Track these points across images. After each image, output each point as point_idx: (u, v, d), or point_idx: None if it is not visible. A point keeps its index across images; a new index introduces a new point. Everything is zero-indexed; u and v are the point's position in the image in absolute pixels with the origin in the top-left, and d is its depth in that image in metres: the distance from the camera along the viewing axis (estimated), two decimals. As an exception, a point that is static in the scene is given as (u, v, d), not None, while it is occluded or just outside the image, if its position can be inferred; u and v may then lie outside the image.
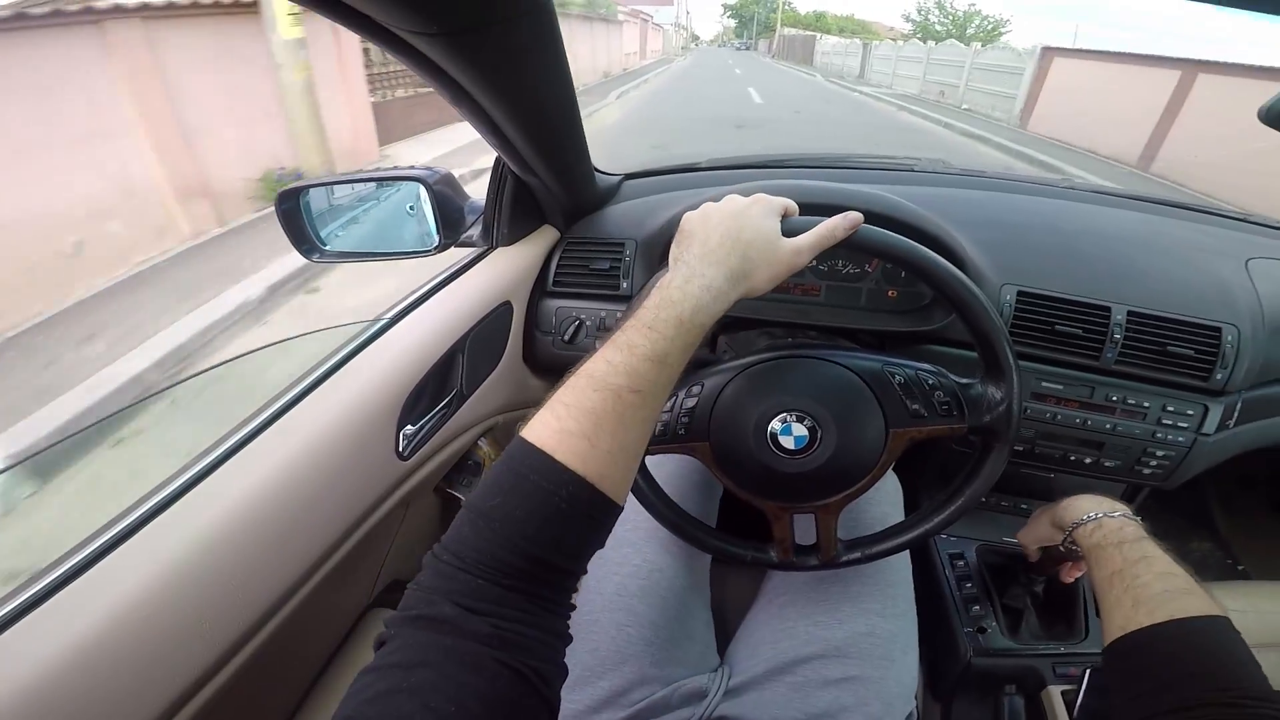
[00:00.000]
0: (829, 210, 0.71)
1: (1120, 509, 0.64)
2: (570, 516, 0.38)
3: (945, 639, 0.94)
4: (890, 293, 0.94)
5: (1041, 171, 7.34)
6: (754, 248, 0.52)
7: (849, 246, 0.57)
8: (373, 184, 0.90)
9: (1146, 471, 0.89)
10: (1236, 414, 0.87)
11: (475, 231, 0.91)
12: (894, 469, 0.95)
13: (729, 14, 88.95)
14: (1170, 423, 0.86)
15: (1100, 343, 0.85)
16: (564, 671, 0.38)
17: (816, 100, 15.34)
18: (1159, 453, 0.87)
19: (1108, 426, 0.87)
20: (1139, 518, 0.62)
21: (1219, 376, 0.83)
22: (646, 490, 0.69)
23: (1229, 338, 0.83)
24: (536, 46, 0.57)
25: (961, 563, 1.01)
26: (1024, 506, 1.09)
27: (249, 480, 0.59)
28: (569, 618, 0.40)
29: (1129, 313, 0.84)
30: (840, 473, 0.63)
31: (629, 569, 0.75)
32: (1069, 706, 0.81)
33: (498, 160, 0.85)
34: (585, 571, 0.42)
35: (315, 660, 0.76)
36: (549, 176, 0.85)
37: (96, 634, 0.46)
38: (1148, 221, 1.02)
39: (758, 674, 0.69)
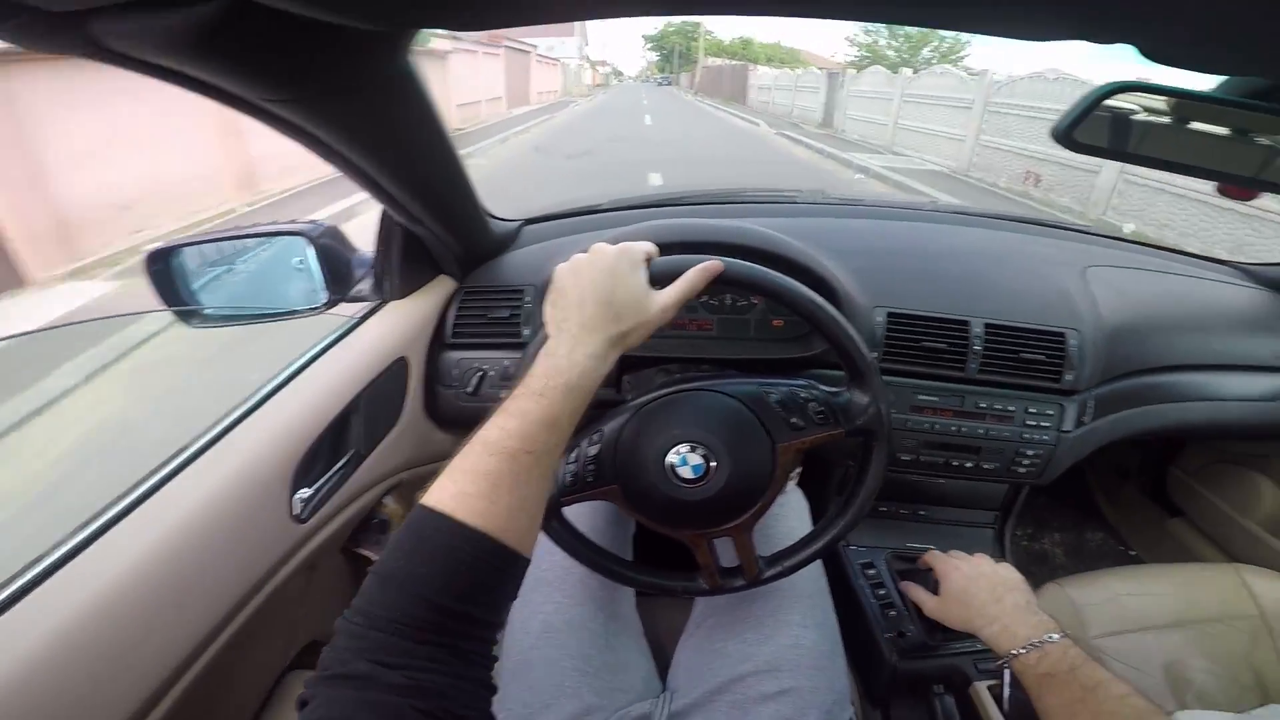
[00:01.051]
0: (705, 248, 0.76)
1: (1047, 626, 0.66)
2: (475, 569, 0.40)
3: (870, 646, 0.97)
4: (775, 322, 0.99)
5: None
6: (627, 309, 0.55)
7: (720, 282, 0.61)
8: (251, 240, 0.86)
9: (1022, 470, 0.97)
10: (1090, 411, 0.96)
11: (365, 285, 0.90)
12: (799, 485, 0.99)
13: (650, 46, 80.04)
14: (1034, 424, 0.94)
15: (964, 354, 0.92)
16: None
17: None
18: (1029, 452, 0.95)
19: (981, 432, 0.94)
20: (1062, 632, 0.66)
21: (1068, 377, 0.92)
22: (570, 539, 0.71)
23: (1073, 341, 0.92)
24: (400, 104, 0.58)
25: (872, 571, 1.06)
26: (922, 513, 1.16)
27: (135, 550, 0.58)
28: (490, 668, 0.41)
29: (985, 325, 0.92)
30: (741, 493, 0.66)
31: (551, 606, 0.76)
32: (996, 699, 0.84)
33: (383, 213, 0.84)
34: (502, 624, 0.43)
35: None
36: (437, 226, 0.85)
37: None
38: (1000, 238, 1.12)
39: (697, 697, 0.71)
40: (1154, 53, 0.41)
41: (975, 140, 9.27)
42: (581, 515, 0.85)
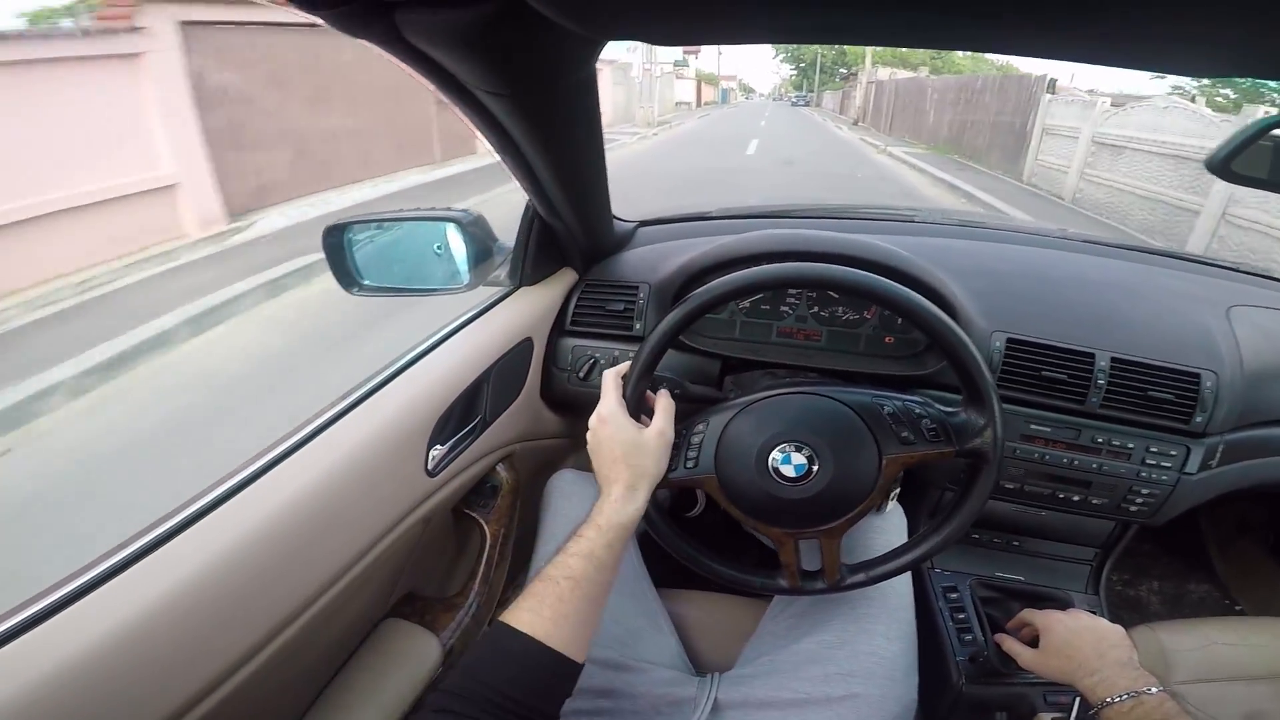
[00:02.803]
0: (826, 258, 0.79)
1: (1147, 680, 0.66)
2: (521, 663, 0.54)
3: (939, 666, 0.96)
4: (887, 339, 0.99)
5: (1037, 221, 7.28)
6: (631, 457, 0.67)
7: (840, 292, 0.64)
8: (409, 222, 0.97)
9: (1133, 509, 0.93)
10: (1219, 455, 0.92)
11: (503, 271, 0.98)
12: (899, 501, 0.99)
13: (782, 57, 64.31)
14: (1154, 463, 0.90)
15: (1085, 387, 0.89)
16: None
17: None
18: (1144, 491, 0.92)
19: (1094, 466, 0.92)
20: (1162, 686, 0.65)
21: (1199, 420, 0.88)
22: (662, 526, 0.74)
23: (1208, 383, 0.88)
24: (578, 107, 0.66)
25: (955, 595, 1.04)
26: (1015, 543, 1.12)
27: (290, 488, 0.64)
28: None
29: (1112, 359, 0.89)
30: (839, 498, 0.68)
31: None
32: None
33: (528, 205, 0.92)
34: (554, 715, 0.55)
35: (332, 664, 0.80)
36: (574, 221, 0.92)
37: (126, 630, 0.49)
38: (1134, 270, 1.08)
39: (755, 687, 0.74)
40: None
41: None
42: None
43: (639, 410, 0.71)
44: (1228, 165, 0.61)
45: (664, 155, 12.07)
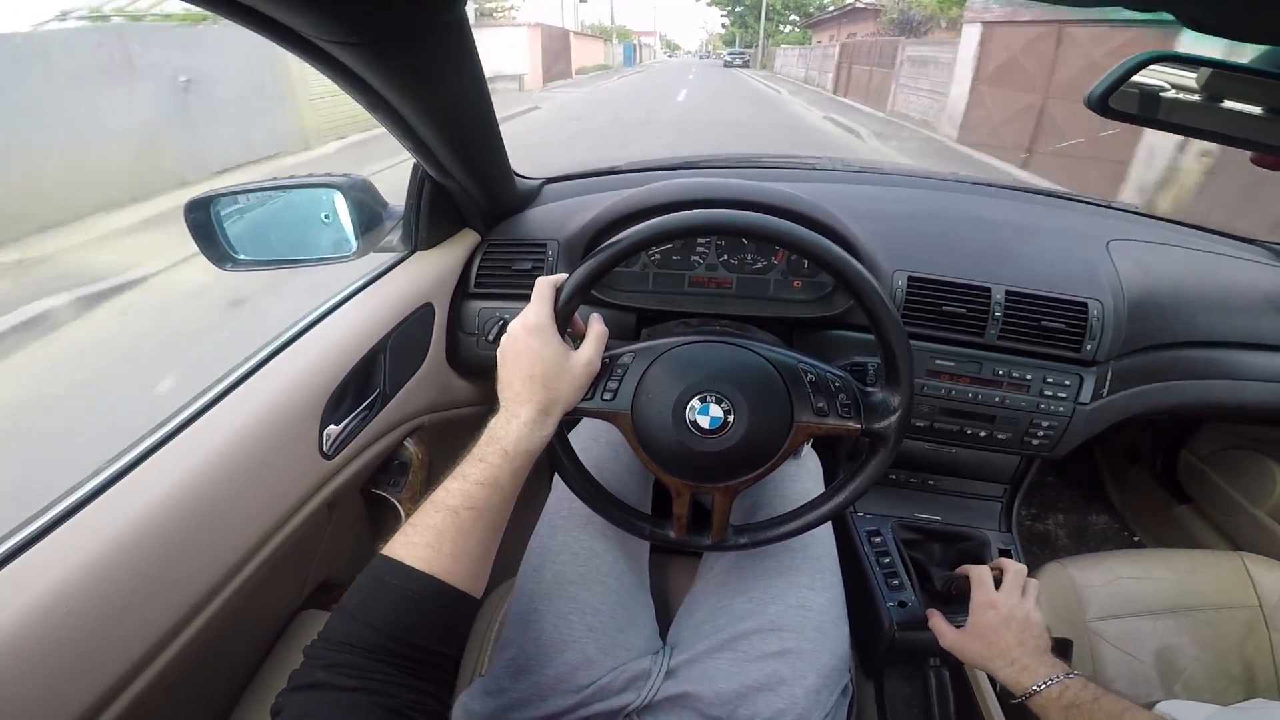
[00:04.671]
0: (722, 205, 0.76)
1: (1063, 667, 0.68)
2: (422, 605, 0.49)
3: (870, 614, 0.99)
4: (795, 283, 1.00)
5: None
6: (550, 377, 0.61)
7: (767, 241, 0.62)
8: (285, 191, 0.89)
9: (1035, 442, 0.98)
10: (1108, 383, 0.97)
11: (395, 237, 0.93)
12: (815, 448, 1.00)
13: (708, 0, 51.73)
14: (1051, 393, 0.95)
15: (984, 320, 0.93)
16: None
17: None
18: (1044, 423, 0.96)
19: (996, 400, 0.95)
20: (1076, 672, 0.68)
21: (1089, 348, 0.92)
22: (562, 456, 0.71)
23: (1094, 311, 0.92)
24: (452, 55, 0.60)
25: (879, 539, 1.07)
26: (930, 482, 1.17)
27: (170, 478, 0.59)
28: (446, 683, 0.49)
29: (1007, 292, 0.92)
30: (746, 456, 0.66)
31: (566, 556, 0.77)
32: (991, 677, 0.86)
33: (416, 166, 0.86)
34: (453, 653, 0.52)
35: (249, 659, 0.77)
36: (467, 180, 0.87)
37: (13, 631, 0.45)
38: (1022, 209, 1.12)
39: (697, 651, 0.72)
40: (1193, 20, 0.41)
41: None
42: (604, 459, 0.85)
43: (565, 328, 0.66)
44: (1105, 102, 0.61)
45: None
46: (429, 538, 0.51)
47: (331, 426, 0.78)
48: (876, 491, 1.13)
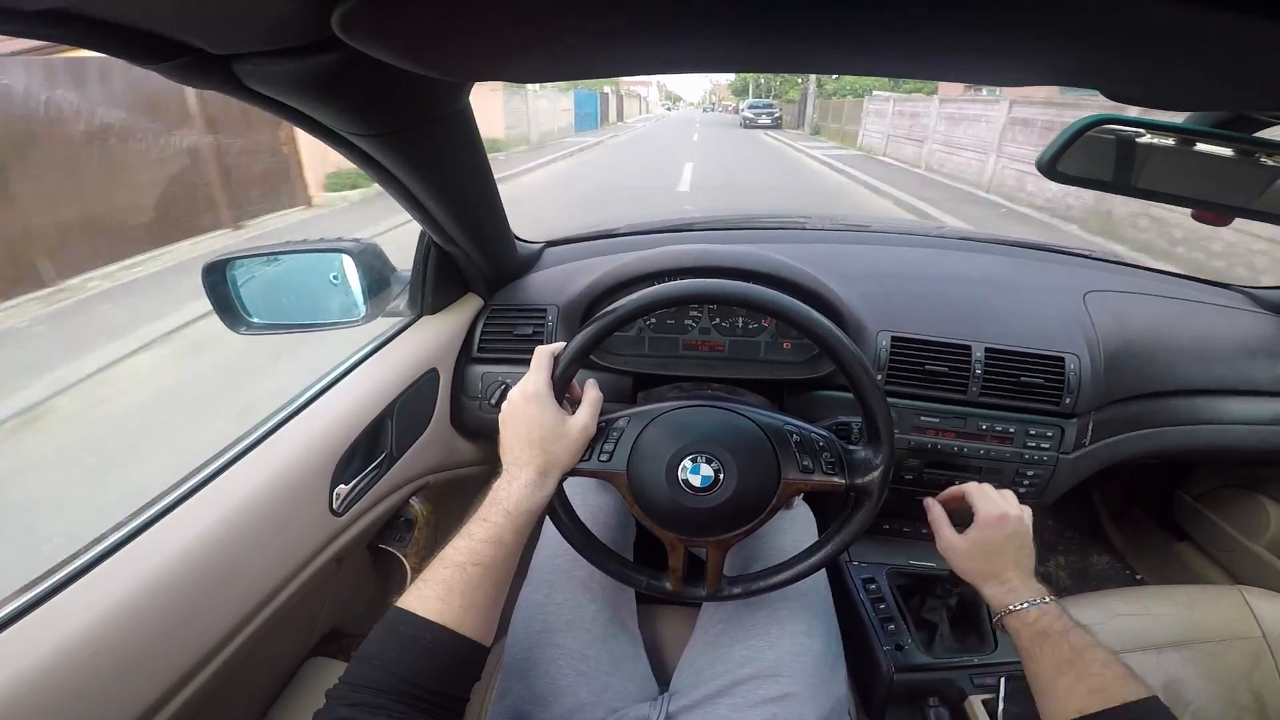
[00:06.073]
0: (714, 272, 0.80)
1: (1044, 590, 0.70)
2: (436, 652, 0.53)
3: (868, 658, 0.99)
4: (785, 345, 1.04)
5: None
6: (548, 442, 0.66)
7: (756, 310, 0.67)
8: (297, 254, 0.93)
9: (1022, 490, 1.00)
10: (1090, 432, 1.00)
11: (402, 301, 0.96)
12: (806, 500, 1.03)
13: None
14: (1034, 444, 0.98)
15: (965, 378, 0.96)
16: None
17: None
18: (1029, 472, 0.99)
19: (981, 452, 0.98)
20: (1054, 596, 0.70)
21: (1067, 400, 0.96)
22: (562, 515, 0.74)
23: (1071, 366, 0.96)
24: (456, 138, 0.66)
25: (874, 586, 1.07)
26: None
27: (187, 535, 0.63)
28: None
29: (986, 349, 0.96)
30: (736, 512, 0.70)
31: (551, 608, 0.80)
32: (990, 713, 0.86)
33: (423, 234, 0.91)
34: (461, 696, 0.55)
35: (259, 702, 0.80)
36: (471, 248, 0.92)
37: (41, 668, 0.49)
38: (1001, 264, 1.17)
39: (697, 698, 0.74)
40: (1116, 94, 0.46)
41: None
42: (591, 509, 0.89)
43: (563, 395, 0.70)
44: (1054, 167, 0.64)
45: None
46: (439, 591, 0.55)
47: (341, 486, 0.81)
48: (872, 541, 1.15)
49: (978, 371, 0.96)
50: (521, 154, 13.86)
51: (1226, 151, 0.60)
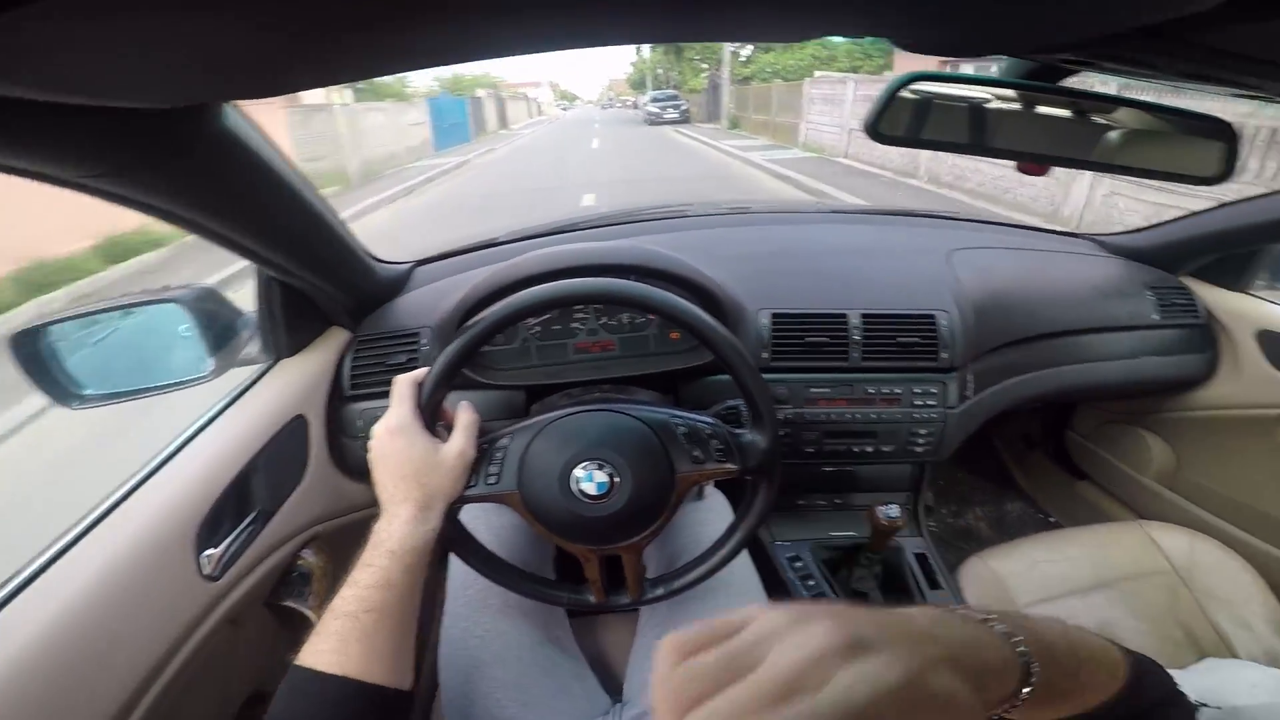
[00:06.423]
0: (586, 271, 0.78)
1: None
2: (343, 705, 0.51)
3: None
4: (673, 335, 1.02)
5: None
6: (422, 474, 0.63)
7: (616, 304, 0.64)
8: (123, 312, 0.84)
9: (918, 449, 1.02)
10: (971, 385, 1.03)
11: (255, 347, 0.89)
12: (718, 487, 1.02)
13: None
14: (921, 403, 1.00)
15: (846, 345, 0.98)
16: None
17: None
18: (922, 430, 1.01)
19: (874, 416, 1.00)
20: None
21: (944, 355, 0.98)
22: (463, 545, 0.72)
23: (943, 322, 0.98)
24: (228, 163, 0.58)
25: (800, 564, 1.09)
26: (838, 501, 1.20)
27: (36, 621, 0.59)
28: None
29: (862, 315, 0.98)
30: (639, 513, 0.69)
31: (474, 641, 0.77)
32: None
33: (257, 270, 0.84)
34: None
35: None
36: (315, 278, 0.85)
37: None
38: (870, 232, 1.20)
39: (649, 703, 0.71)
40: (905, 43, 0.45)
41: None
42: (503, 530, 0.87)
43: (434, 423, 0.68)
44: (876, 129, 0.63)
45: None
46: (333, 644, 0.53)
47: (211, 550, 0.76)
48: (791, 519, 1.16)
49: (856, 337, 0.98)
50: (335, 196, 9.08)
51: (1032, 102, 0.60)
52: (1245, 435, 1.22)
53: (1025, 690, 0.35)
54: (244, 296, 0.92)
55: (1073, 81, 0.58)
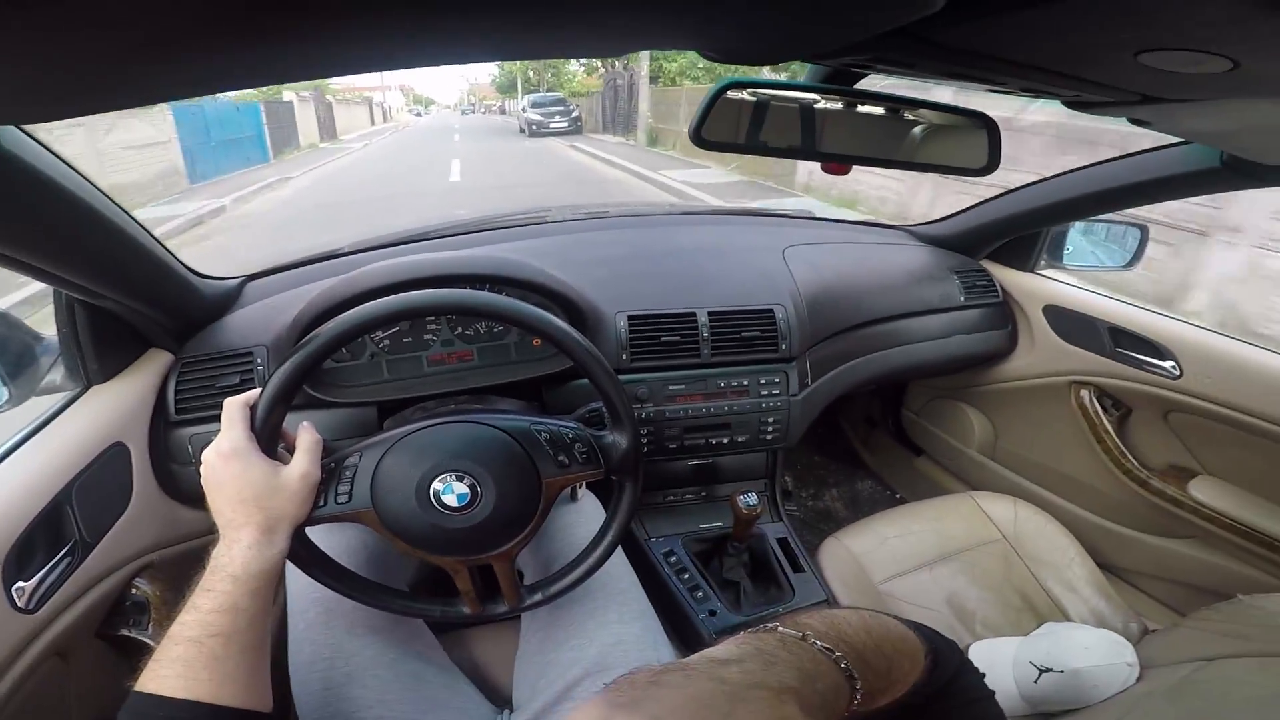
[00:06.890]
0: (431, 282, 0.79)
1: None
2: None
3: (689, 629, 1.03)
4: (535, 342, 1.03)
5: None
6: (262, 498, 0.61)
7: (461, 314, 0.64)
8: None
9: (769, 436, 1.10)
10: (810, 372, 1.12)
11: (59, 374, 0.83)
12: (589, 488, 1.02)
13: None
14: (767, 392, 1.07)
15: (696, 342, 1.03)
16: None
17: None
18: (770, 419, 1.08)
19: (727, 408, 1.07)
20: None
21: (784, 346, 1.06)
22: (317, 567, 0.70)
23: (780, 315, 1.06)
24: (2, 187, 0.54)
25: (674, 558, 1.12)
26: (704, 494, 1.25)
27: None
28: None
29: (709, 313, 1.04)
30: (506, 522, 0.69)
31: (322, 664, 0.74)
32: None
33: (55, 291, 0.77)
34: None
35: None
36: (123, 298, 0.79)
37: None
38: (715, 232, 1.27)
39: (537, 709, 0.73)
40: (712, 54, 0.47)
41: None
42: (355, 548, 0.84)
43: (273, 444, 0.65)
44: (700, 135, 0.65)
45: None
46: (178, 669, 0.51)
47: (22, 583, 0.72)
48: (662, 514, 1.20)
49: (705, 334, 1.03)
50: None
51: (836, 105, 0.64)
52: (1046, 402, 1.37)
53: (854, 704, 0.37)
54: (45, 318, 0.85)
55: (866, 85, 0.62)
